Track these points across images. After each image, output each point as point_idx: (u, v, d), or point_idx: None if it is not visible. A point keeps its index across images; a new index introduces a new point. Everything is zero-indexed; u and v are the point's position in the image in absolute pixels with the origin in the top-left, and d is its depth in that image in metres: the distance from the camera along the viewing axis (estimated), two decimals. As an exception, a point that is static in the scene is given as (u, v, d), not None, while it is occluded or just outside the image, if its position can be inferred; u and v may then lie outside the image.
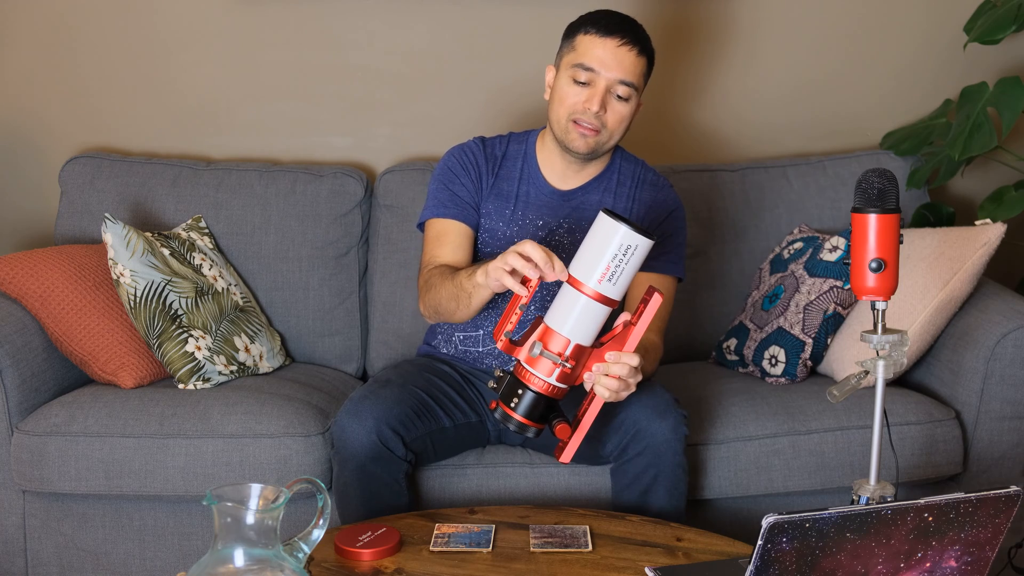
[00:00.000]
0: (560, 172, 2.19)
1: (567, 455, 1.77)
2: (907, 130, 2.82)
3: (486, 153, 2.22)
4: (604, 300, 1.69)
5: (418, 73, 2.89)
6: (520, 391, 1.74)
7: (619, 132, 2.12)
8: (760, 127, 2.95)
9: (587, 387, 1.77)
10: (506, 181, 2.20)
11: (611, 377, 1.74)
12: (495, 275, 1.77)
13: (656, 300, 1.70)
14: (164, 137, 2.90)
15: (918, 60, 2.94)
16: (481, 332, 2.22)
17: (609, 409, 2.03)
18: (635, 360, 1.73)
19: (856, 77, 2.95)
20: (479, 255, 2.21)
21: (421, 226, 2.23)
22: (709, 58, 2.92)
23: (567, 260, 2.12)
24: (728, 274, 2.71)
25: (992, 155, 2.78)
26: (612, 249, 1.67)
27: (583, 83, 2.06)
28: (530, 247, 1.74)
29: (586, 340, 1.72)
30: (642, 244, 1.66)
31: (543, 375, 1.72)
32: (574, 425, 1.78)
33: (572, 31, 2.12)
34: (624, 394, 1.77)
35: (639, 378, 1.77)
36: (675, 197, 2.25)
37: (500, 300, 2.18)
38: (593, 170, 2.20)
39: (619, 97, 2.07)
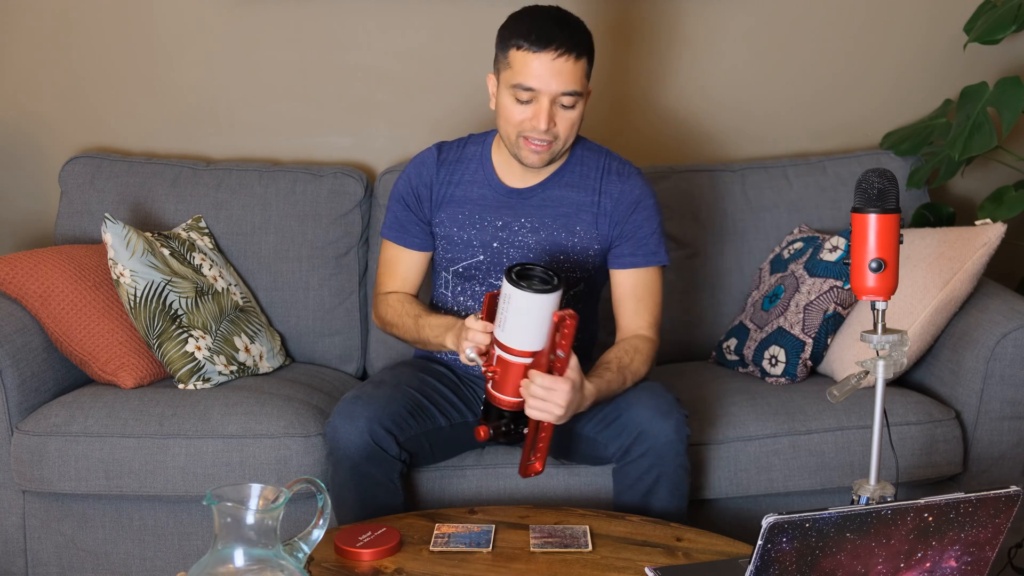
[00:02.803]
0: (519, 172, 2.16)
1: (520, 468, 1.91)
2: (907, 130, 2.82)
3: (440, 160, 2.21)
4: (498, 344, 1.82)
5: (418, 73, 2.89)
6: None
7: (573, 135, 2.06)
8: (760, 127, 2.95)
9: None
10: (459, 186, 2.19)
11: (531, 396, 1.81)
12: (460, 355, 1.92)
13: (568, 324, 1.78)
14: (164, 137, 2.90)
15: (918, 60, 2.94)
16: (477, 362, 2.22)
17: (609, 411, 2.03)
18: (539, 379, 1.79)
19: (856, 77, 2.95)
20: (438, 260, 2.24)
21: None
22: (709, 58, 2.92)
23: (531, 259, 2.14)
24: (728, 274, 2.71)
25: (992, 155, 2.78)
26: (504, 295, 1.79)
27: (526, 101, 2.01)
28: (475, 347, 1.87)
29: (508, 351, 1.81)
30: (515, 295, 1.75)
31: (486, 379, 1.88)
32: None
33: (504, 42, 2.03)
34: (547, 415, 1.82)
35: (558, 401, 1.81)
36: (642, 184, 2.17)
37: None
38: (553, 166, 2.15)
39: (564, 106, 2.02)
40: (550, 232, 2.15)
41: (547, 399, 1.81)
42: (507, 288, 1.77)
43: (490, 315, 1.87)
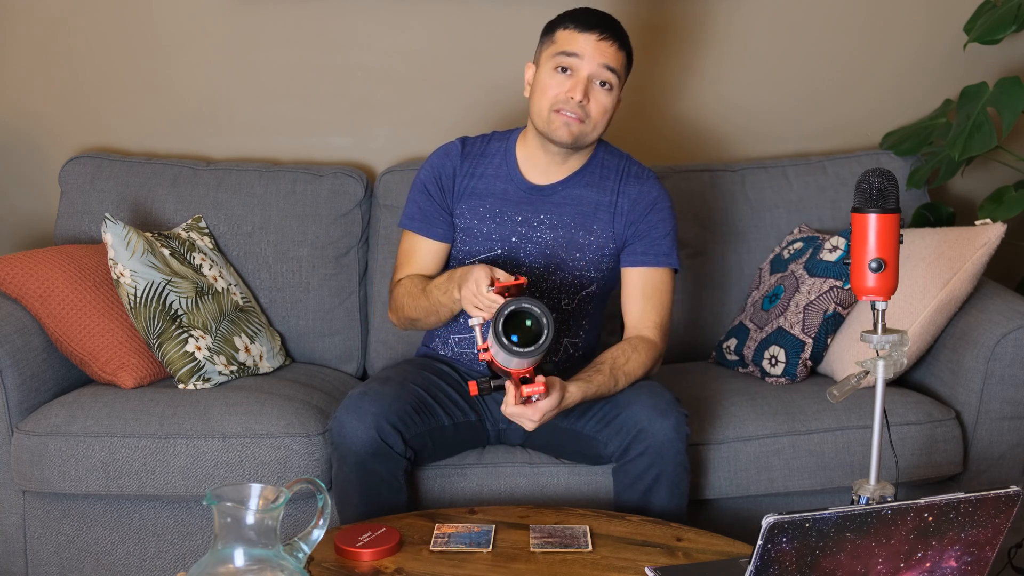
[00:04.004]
0: (542, 167, 2.20)
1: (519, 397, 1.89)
2: (907, 130, 2.82)
3: (464, 152, 2.24)
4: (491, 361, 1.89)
5: (417, 73, 2.89)
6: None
7: (602, 124, 2.12)
8: (760, 127, 2.95)
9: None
10: (482, 179, 2.21)
11: (504, 410, 1.89)
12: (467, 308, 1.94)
13: (539, 390, 1.85)
14: (164, 137, 2.90)
15: (918, 60, 2.94)
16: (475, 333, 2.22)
17: (609, 410, 2.03)
18: (510, 408, 1.87)
19: (856, 77, 2.95)
20: (454, 253, 2.24)
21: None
22: (710, 58, 2.92)
23: (548, 255, 2.12)
24: (728, 274, 2.71)
25: (992, 155, 2.78)
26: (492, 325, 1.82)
27: (565, 72, 2.08)
28: (476, 291, 1.89)
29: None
30: (493, 341, 1.79)
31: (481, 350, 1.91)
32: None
33: (551, 28, 2.14)
34: (521, 424, 1.91)
35: (526, 424, 1.90)
36: (659, 188, 2.23)
37: None
38: (575, 163, 2.20)
39: (601, 85, 2.08)
40: (568, 230, 2.17)
41: (517, 418, 1.90)
42: (493, 330, 1.79)
43: (502, 292, 1.88)
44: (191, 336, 2.38)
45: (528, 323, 1.79)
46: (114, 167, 2.72)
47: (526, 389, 1.85)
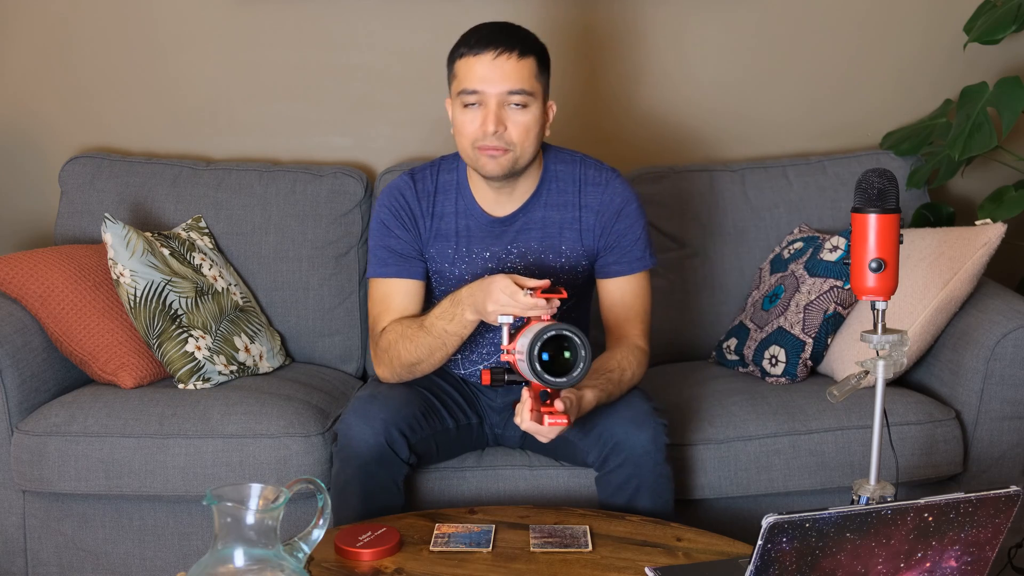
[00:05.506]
0: (494, 198, 2.09)
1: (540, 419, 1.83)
2: (907, 130, 2.82)
3: (418, 192, 2.12)
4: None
5: (418, 73, 2.88)
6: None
7: (530, 144, 1.99)
8: (760, 127, 2.95)
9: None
10: (443, 219, 2.11)
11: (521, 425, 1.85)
12: (495, 319, 1.85)
13: (561, 423, 1.80)
14: (164, 137, 2.90)
15: (918, 60, 2.94)
16: (459, 357, 2.21)
17: (588, 419, 2.00)
18: (525, 423, 1.82)
19: (856, 77, 2.95)
20: (432, 298, 2.14)
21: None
22: (710, 59, 2.92)
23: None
24: (728, 274, 2.71)
25: (992, 155, 2.78)
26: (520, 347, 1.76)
27: (474, 106, 1.97)
28: (513, 301, 1.79)
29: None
30: (522, 362, 1.74)
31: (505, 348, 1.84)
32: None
33: (451, 60, 2.03)
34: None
35: (541, 440, 1.86)
36: (622, 189, 2.11)
37: (475, 332, 2.14)
38: (528, 186, 2.09)
39: (516, 106, 1.96)
40: (537, 256, 2.11)
41: (532, 432, 1.85)
42: (528, 350, 1.72)
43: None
44: (191, 336, 2.38)
45: (566, 354, 1.73)
46: (114, 167, 2.72)
47: (548, 420, 1.78)
